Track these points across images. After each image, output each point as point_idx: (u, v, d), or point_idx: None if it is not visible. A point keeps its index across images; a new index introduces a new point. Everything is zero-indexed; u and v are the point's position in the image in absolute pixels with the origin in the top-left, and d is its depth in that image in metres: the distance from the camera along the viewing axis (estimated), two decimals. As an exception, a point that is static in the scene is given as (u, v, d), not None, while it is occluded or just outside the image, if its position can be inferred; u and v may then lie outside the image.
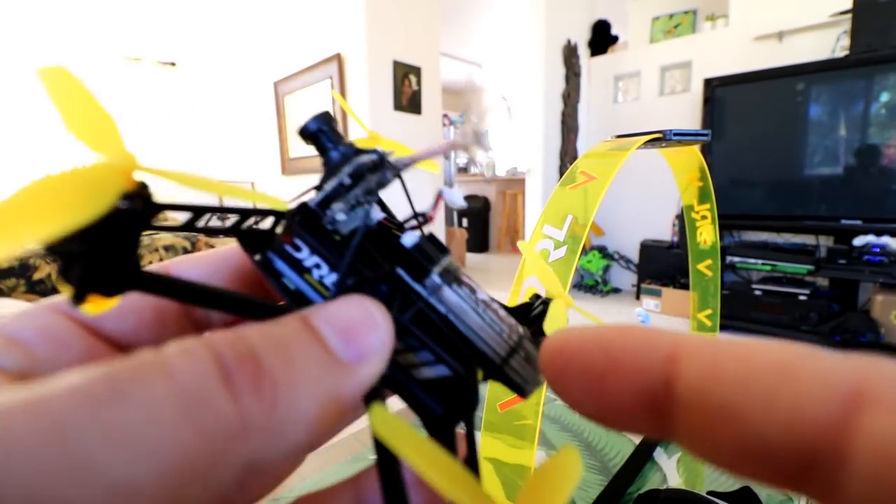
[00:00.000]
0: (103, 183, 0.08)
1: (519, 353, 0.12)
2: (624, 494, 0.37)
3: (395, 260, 0.12)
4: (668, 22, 2.68)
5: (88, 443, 0.06)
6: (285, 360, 0.08)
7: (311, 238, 0.12)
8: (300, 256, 0.12)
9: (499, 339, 0.12)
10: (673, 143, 0.41)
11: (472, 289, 0.13)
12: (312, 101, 3.38)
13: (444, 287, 0.12)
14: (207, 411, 0.07)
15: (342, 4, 2.95)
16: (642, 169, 2.60)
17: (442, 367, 0.12)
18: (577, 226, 0.29)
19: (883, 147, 1.77)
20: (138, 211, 0.09)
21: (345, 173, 0.12)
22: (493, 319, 0.12)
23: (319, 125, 0.13)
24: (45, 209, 0.07)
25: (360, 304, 0.10)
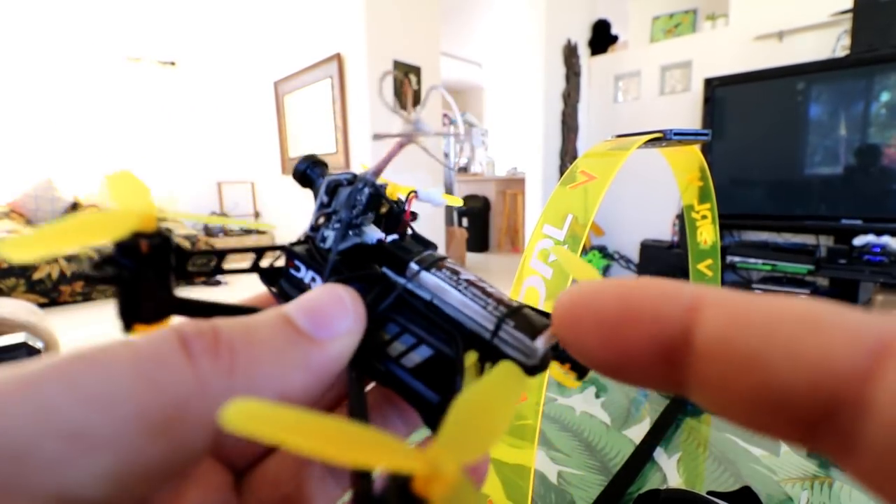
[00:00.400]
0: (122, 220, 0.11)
1: (508, 323, 0.11)
2: (624, 494, 0.37)
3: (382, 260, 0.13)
4: (668, 21, 2.68)
5: (52, 394, 0.07)
6: (247, 335, 0.09)
7: (305, 257, 0.13)
8: (300, 276, 0.13)
9: (484, 313, 0.12)
10: (673, 142, 0.41)
11: (454, 271, 0.13)
12: (313, 101, 3.38)
13: (421, 272, 0.12)
14: (163, 369, 0.08)
15: (342, 4, 2.95)
16: (642, 169, 2.60)
17: (423, 347, 0.12)
18: (577, 225, 0.29)
19: (883, 147, 1.77)
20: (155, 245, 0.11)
21: (321, 191, 0.13)
22: (476, 294, 0.12)
23: (307, 164, 0.15)
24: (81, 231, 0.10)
25: (328, 289, 0.11)
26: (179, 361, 0.08)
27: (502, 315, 0.12)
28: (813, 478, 0.39)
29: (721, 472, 0.40)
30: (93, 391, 0.07)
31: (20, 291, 2.32)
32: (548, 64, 2.65)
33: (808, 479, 0.39)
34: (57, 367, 0.07)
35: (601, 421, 0.50)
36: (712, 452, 0.43)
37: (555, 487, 0.39)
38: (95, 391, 0.07)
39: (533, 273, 0.28)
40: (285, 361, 0.10)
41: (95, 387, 0.07)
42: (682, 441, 0.45)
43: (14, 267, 2.31)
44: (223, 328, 0.09)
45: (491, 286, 0.13)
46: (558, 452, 0.44)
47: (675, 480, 0.39)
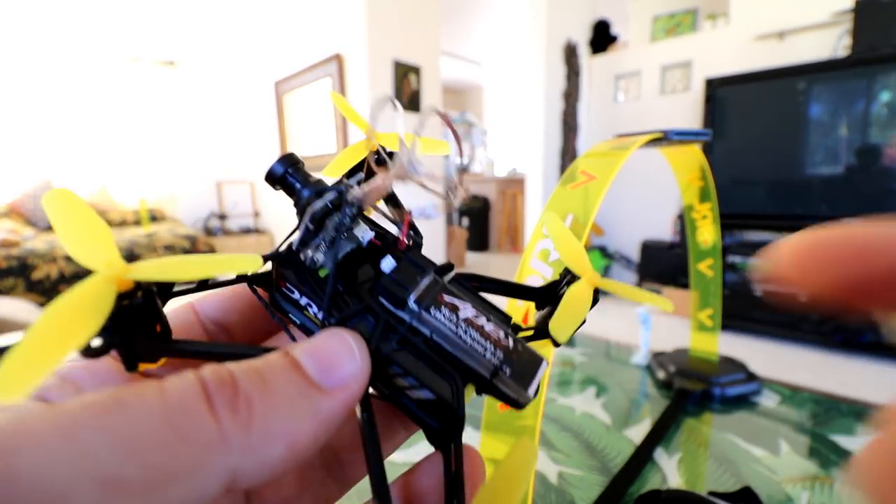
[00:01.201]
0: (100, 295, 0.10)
1: (504, 371, 0.12)
2: (624, 495, 0.37)
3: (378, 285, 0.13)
4: (668, 21, 2.68)
5: (89, 440, 0.08)
6: (262, 386, 0.10)
7: (298, 282, 0.13)
8: (295, 297, 0.13)
9: (482, 359, 0.13)
10: (674, 142, 0.41)
11: (453, 307, 0.13)
12: (313, 101, 3.38)
13: (422, 313, 0.13)
14: (190, 422, 0.09)
15: (342, 4, 2.94)
16: (643, 168, 2.60)
17: (425, 391, 0.12)
18: (577, 225, 0.28)
19: (884, 146, 1.77)
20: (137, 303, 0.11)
21: (306, 220, 0.13)
22: (474, 337, 0.13)
23: (285, 168, 0.14)
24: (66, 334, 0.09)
25: (337, 336, 0.12)
26: (204, 414, 0.09)
27: (499, 362, 0.13)
28: (814, 478, 0.39)
29: (721, 472, 0.40)
30: (126, 439, 0.08)
31: (19, 291, 2.32)
32: (548, 63, 2.65)
33: (809, 480, 0.39)
34: (92, 412, 0.08)
35: (601, 421, 0.49)
36: (713, 453, 0.43)
37: (555, 488, 0.39)
38: (129, 439, 0.08)
39: (533, 273, 0.28)
40: (297, 413, 0.10)
41: (129, 434, 0.08)
42: (682, 441, 0.45)
43: (13, 267, 2.31)
44: (240, 379, 0.10)
45: (487, 321, 0.13)
46: (558, 452, 0.44)
47: (676, 481, 0.39)
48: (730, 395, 0.54)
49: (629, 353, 0.69)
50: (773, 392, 0.56)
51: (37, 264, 2.37)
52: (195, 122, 3.99)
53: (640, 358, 0.66)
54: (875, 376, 1.56)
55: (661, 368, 0.59)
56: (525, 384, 0.13)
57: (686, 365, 0.58)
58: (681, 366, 0.58)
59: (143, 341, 0.11)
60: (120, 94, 3.57)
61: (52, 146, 3.35)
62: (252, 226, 4.27)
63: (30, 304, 1.65)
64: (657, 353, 0.65)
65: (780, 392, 0.56)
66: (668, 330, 2.06)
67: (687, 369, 0.57)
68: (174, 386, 0.09)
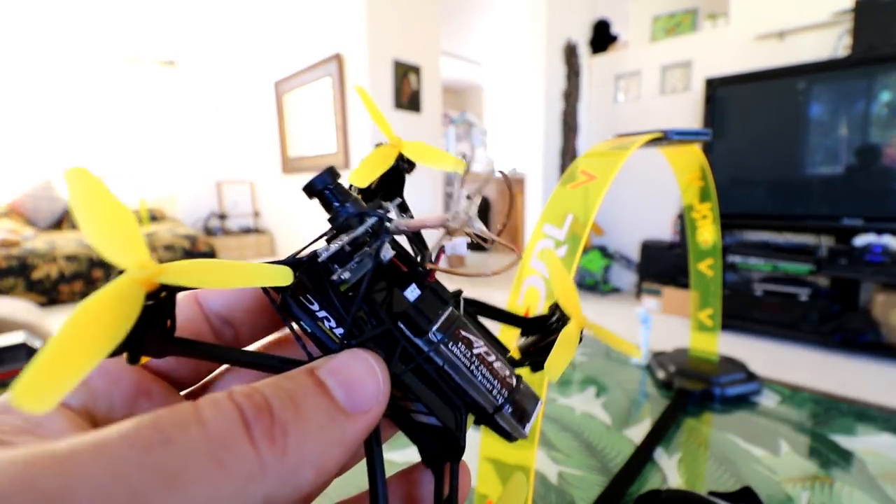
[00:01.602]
0: (131, 297, 0.09)
1: (506, 409, 0.14)
2: (624, 495, 0.37)
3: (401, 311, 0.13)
4: (668, 21, 2.68)
5: (141, 479, 0.08)
6: (295, 412, 0.10)
7: (320, 295, 0.13)
8: (313, 308, 0.13)
9: (488, 395, 0.13)
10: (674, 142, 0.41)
11: (468, 343, 0.13)
12: (313, 101, 3.38)
13: (440, 346, 0.13)
14: (232, 456, 0.09)
15: (342, 4, 2.94)
16: (643, 168, 2.60)
17: (431, 417, 0.13)
18: (577, 225, 0.28)
19: (884, 146, 1.77)
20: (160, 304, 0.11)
21: (345, 241, 0.13)
22: (484, 374, 0.13)
23: (325, 183, 0.13)
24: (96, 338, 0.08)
25: (362, 359, 0.12)
26: (245, 446, 0.09)
27: (503, 400, 0.14)
28: (814, 478, 0.39)
29: (721, 472, 0.40)
30: (174, 476, 0.08)
31: (19, 291, 2.32)
32: (548, 63, 2.65)
33: (809, 480, 0.39)
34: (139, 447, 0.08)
35: (601, 421, 0.49)
36: (713, 453, 0.43)
37: (555, 488, 0.39)
38: (176, 476, 0.08)
39: (533, 273, 0.28)
40: (327, 439, 0.10)
41: (176, 471, 0.08)
42: (682, 441, 0.45)
43: (13, 266, 2.31)
44: (275, 406, 0.10)
45: (496, 360, 0.14)
46: (558, 452, 0.44)
47: (676, 481, 0.39)
48: (730, 395, 0.54)
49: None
50: (773, 392, 0.56)
51: (37, 264, 2.37)
52: (195, 122, 3.99)
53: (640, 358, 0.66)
54: (875, 376, 1.56)
55: (661, 368, 0.59)
56: (523, 423, 0.14)
57: (686, 365, 0.58)
58: (681, 366, 0.58)
59: (152, 339, 0.11)
60: (120, 94, 3.57)
61: (52, 146, 3.35)
62: (252, 226, 4.27)
63: (30, 303, 1.65)
64: (657, 352, 0.65)
65: (780, 392, 0.56)
66: (668, 330, 2.06)
67: (687, 369, 0.57)
68: (213, 416, 0.09)
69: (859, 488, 0.37)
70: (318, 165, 3.39)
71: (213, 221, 4.06)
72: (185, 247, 2.94)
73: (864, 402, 0.53)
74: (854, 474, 0.39)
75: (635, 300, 2.61)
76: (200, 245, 3.01)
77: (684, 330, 2.04)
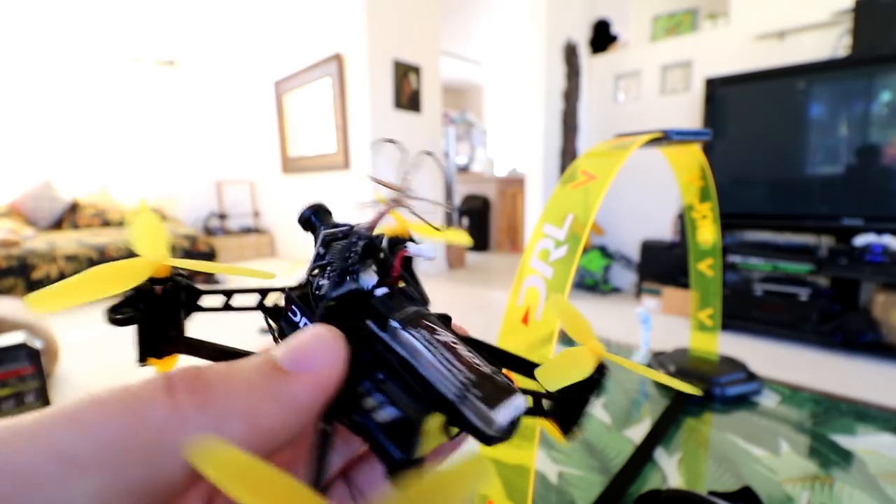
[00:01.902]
0: (138, 269, 0.12)
1: (471, 393, 0.12)
2: (624, 495, 0.37)
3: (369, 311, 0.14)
4: (668, 21, 2.68)
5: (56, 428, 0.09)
6: (226, 372, 0.11)
7: (300, 303, 0.14)
8: (296, 319, 0.14)
9: (453, 379, 0.12)
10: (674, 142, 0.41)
11: (431, 329, 0.13)
12: (312, 101, 3.38)
13: (399, 329, 0.13)
14: (145, 403, 0.09)
15: (342, 4, 2.94)
16: (643, 168, 2.60)
17: (391, 408, 0.12)
18: (577, 225, 0.28)
19: (884, 146, 1.77)
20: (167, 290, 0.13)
21: (318, 244, 0.15)
22: (448, 359, 0.12)
23: (311, 212, 0.16)
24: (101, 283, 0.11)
25: (312, 329, 0.12)
26: (161, 396, 0.10)
27: (469, 383, 0.12)
28: (814, 478, 0.39)
29: (721, 472, 0.40)
30: (86, 422, 0.09)
31: (19, 291, 2.32)
32: (548, 63, 2.65)
33: (809, 480, 0.39)
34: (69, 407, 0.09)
35: (601, 421, 0.49)
36: (713, 452, 0.43)
37: (555, 488, 0.39)
38: (88, 422, 0.09)
39: (533, 273, 0.28)
40: (257, 394, 0.10)
41: (88, 419, 0.09)
42: (682, 441, 0.45)
43: (13, 266, 2.31)
44: (207, 369, 0.10)
45: (468, 349, 0.13)
46: (558, 452, 0.44)
47: (676, 481, 0.39)
48: (730, 395, 0.54)
49: (629, 353, 0.69)
50: (773, 392, 0.56)
51: (37, 264, 2.37)
52: (195, 122, 3.99)
53: (640, 358, 0.66)
54: (875, 376, 1.56)
55: (662, 368, 0.59)
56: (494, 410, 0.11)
57: (686, 365, 0.58)
58: (681, 365, 0.58)
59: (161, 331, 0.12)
60: (120, 94, 3.57)
61: (52, 146, 3.34)
62: (252, 225, 4.27)
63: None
64: (657, 352, 0.65)
65: (780, 392, 0.56)
66: (668, 330, 2.06)
67: (687, 369, 0.57)
68: (143, 382, 0.10)
69: (859, 488, 0.37)
70: (319, 165, 3.39)
71: (213, 221, 4.06)
72: (185, 247, 2.94)
73: (864, 402, 0.53)
74: (854, 474, 0.39)
75: (635, 300, 2.61)
76: (200, 245, 3.01)
77: (684, 330, 2.04)
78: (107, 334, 1.95)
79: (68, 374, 1.53)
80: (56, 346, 1.47)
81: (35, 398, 1.20)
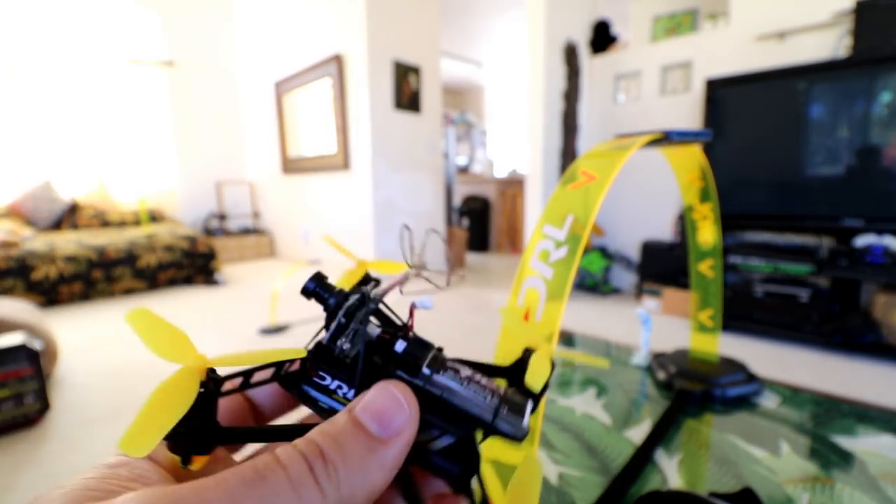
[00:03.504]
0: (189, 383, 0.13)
1: (503, 410, 0.16)
2: (625, 496, 0.37)
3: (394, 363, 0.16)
4: (669, 21, 2.68)
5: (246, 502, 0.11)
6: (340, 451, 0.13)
7: (329, 368, 0.16)
8: (325, 383, 0.16)
9: (484, 403, 0.16)
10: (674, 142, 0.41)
11: (456, 370, 0.16)
12: (313, 101, 3.38)
13: (433, 375, 0.16)
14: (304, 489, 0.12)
15: (342, 4, 2.94)
16: (643, 168, 2.60)
17: (447, 437, 0.16)
18: (577, 226, 0.28)
19: (885, 147, 1.77)
20: (211, 392, 0.14)
21: (339, 316, 0.16)
22: (475, 389, 0.16)
23: (315, 284, 0.17)
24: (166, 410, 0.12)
25: (387, 390, 0.14)
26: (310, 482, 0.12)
27: (499, 402, 0.16)
28: (814, 479, 0.39)
29: (722, 473, 0.40)
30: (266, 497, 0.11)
31: (19, 291, 2.32)
32: (548, 63, 2.65)
33: (810, 481, 0.39)
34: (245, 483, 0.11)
35: (601, 422, 0.49)
36: (713, 454, 0.43)
37: (555, 489, 0.39)
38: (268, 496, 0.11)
39: (533, 273, 0.28)
40: (370, 466, 0.13)
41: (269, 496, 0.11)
42: (682, 442, 0.45)
43: (12, 267, 2.31)
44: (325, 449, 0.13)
45: (482, 377, 0.17)
46: (559, 453, 0.44)
47: (676, 482, 0.39)
48: (730, 396, 0.53)
49: (629, 354, 0.69)
50: (773, 393, 0.56)
51: (36, 264, 2.37)
52: (195, 123, 3.99)
53: (640, 358, 0.65)
54: (876, 377, 1.56)
55: (662, 369, 0.59)
56: (520, 418, 0.16)
57: (686, 366, 0.58)
58: (681, 366, 0.58)
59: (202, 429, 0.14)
60: (120, 95, 3.57)
61: (52, 146, 3.35)
62: (251, 226, 4.27)
63: (29, 304, 1.65)
64: (657, 353, 0.64)
65: (780, 393, 0.56)
66: (668, 331, 2.06)
67: (687, 370, 0.57)
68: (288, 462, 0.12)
69: (860, 489, 0.37)
70: (318, 166, 3.39)
71: (212, 222, 4.06)
72: (185, 247, 2.94)
73: (865, 403, 0.53)
74: (855, 475, 0.39)
75: (635, 301, 2.60)
76: (200, 245, 3.00)
77: (684, 331, 2.04)
78: (106, 335, 1.95)
79: (68, 375, 1.53)
80: (55, 347, 1.47)
81: (34, 399, 1.20)
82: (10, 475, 1.00)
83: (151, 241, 2.83)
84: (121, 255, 2.65)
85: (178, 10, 3.78)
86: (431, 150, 3.25)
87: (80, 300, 2.54)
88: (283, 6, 3.55)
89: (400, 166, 3.07)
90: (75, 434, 1.17)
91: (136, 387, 1.43)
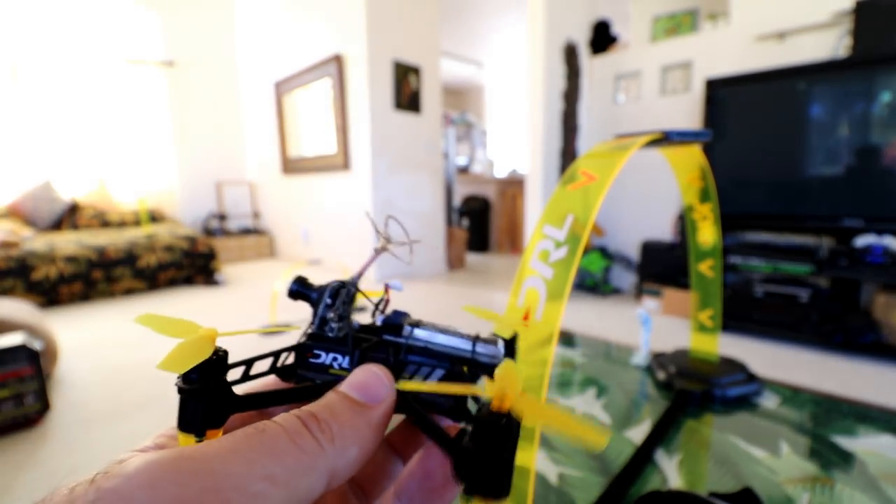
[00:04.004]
0: (207, 343, 0.16)
1: (477, 344, 0.19)
2: (625, 496, 0.37)
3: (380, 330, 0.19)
4: (669, 21, 2.68)
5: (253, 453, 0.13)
6: (331, 413, 0.15)
7: (323, 345, 0.19)
8: (321, 360, 0.19)
9: (462, 342, 0.19)
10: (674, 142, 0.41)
11: (432, 325, 0.19)
12: (313, 101, 3.38)
13: (414, 330, 0.19)
14: (302, 440, 0.14)
15: (342, 4, 2.95)
16: (643, 168, 2.60)
17: (439, 370, 0.18)
18: (577, 226, 0.28)
19: (885, 147, 1.77)
20: (223, 358, 0.16)
21: (325, 296, 0.19)
22: (453, 334, 0.19)
23: (298, 286, 0.20)
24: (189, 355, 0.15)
25: (365, 369, 0.17)
26: (307, 435, 0.14)
27: (474, 339, 0.19)
28: (814, 479, 0.39)
29: (722, 473, 0.40)
30: (267, 453, 0.13)
31: (19, 291, 2.32)
32: (548, 63, 2.65)
33: (810, 481, 0.39)
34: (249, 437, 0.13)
35: (602, 422, 0.49)
36: (713, 454, 0.43)
37: (555, 489, 0.39)
38: (269, 453, 0.13)
39: (533, 273, 0.28)
40: (358, 425, 0.15)
41: (273, 448, 0.13)
42: (683, 442, 0.45)
43: (12, 267, 2.31)
44: (318, 412, 0.15)
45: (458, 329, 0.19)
46: (559, 453, 0.44)
47: (676, 482, 0.39)
48: (730, 396, 0.53)
49: (629, 354, 0.69)
50: (773, 393, 0.56)
51: (36, 265, 2.37)
52: (195, 122, 3.99)
53: (640, 359, 0.65)
54: (876, 377, 1.56)
55: (662, 369, 0.59)
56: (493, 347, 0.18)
57: (686, 366, 0.58)
58: (681, 366, 0.58)
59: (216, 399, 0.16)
60: (120, 95, 3.57)
61: (52, 147, 3.35)
62: (251, 226, 4.27)
63: (29, 304, 1.65)
64: (657, 353, 0.64)
65: (780, 393, 0.56)
66: (668, 331, 2.06)
67: (687, 370, 0.57)
68: (285, 421, 0.14)
69: (860, 489, 0.37)
70: (318, 166, 3.39)
71: (212, 222, 4.06)
72: (185, 248, 2.94)
73: (865, 403, 0.53)
74: (855, 475, 0.39)
75: (635, 301, 2.60)
76: (200, 246, 3.00)
77: (684, 331, 2.04)
78: (106, 335, 1.95)
79: (68, 375, 1.53)
80: (55, 347, 1.47)
81: (34, 399, 1.20)
82: (10, 475, 1.00)
83: (151, 241, 2.83)
84: (121, 255, 2.65)
85: (177, 11, 3.78)
86: (431, 151, 3.25)
87: (80, 300, 2.54)
88: (283, 6, 3.55)
89: (400, 166, 3.07)
90: (75, 434, 1.17)
91: (136, 387, 1.43)
